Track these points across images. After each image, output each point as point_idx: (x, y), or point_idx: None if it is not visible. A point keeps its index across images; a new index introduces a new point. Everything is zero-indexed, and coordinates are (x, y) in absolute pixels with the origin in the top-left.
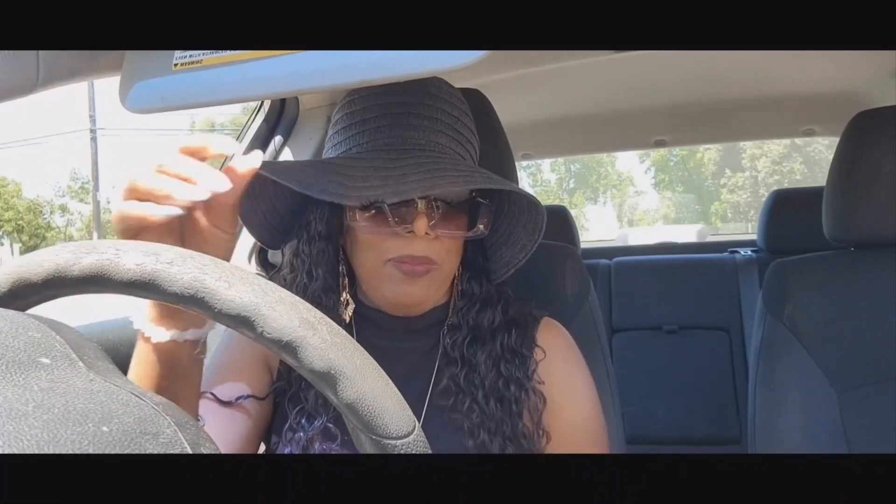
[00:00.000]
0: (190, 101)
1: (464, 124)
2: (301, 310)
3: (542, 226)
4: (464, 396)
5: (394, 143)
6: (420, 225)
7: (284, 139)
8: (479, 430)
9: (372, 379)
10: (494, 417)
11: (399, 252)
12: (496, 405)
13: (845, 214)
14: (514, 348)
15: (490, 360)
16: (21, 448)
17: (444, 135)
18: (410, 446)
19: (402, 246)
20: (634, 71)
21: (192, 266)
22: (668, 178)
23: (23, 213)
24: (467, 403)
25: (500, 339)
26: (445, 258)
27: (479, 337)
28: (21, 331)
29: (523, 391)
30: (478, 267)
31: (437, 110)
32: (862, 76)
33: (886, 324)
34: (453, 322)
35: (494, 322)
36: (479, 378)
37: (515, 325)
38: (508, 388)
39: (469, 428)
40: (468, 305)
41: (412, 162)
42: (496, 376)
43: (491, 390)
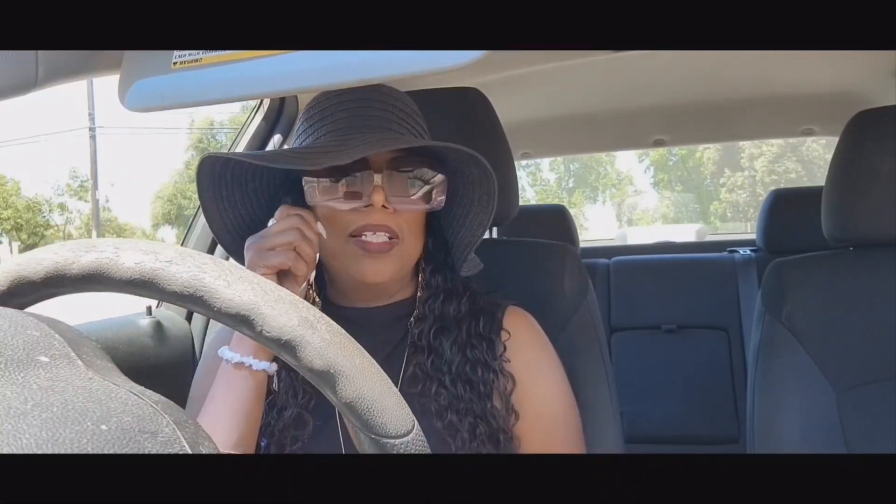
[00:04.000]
0: (189, 99)
1: (415, 119)
2: (300, 308)
3: (494, 194)
4: (431, 382)
5: (352, 129)
6: (377, 197)
7: (283, 138)
8: (447, 412)
9: (371, 378)
10: (463, 399)
11: (358, 223)
12: (464, 388)
13: (844, 214)
14: (481, 334)
15: (456, 347)
16: (20, 447)
17: (395, 122)
18: (409, 445)
19: (362, 218)
20: (634, 71)
21: (192, 265)
22: (668, 178)
23: (22, 211)
24: (434, 388)
25: (466, 327)
26: (407, 233)
27: (445, 326)
28: (20, 329)
29: (490, 372)
30: (440, 260)
31: (390, 105)
32: (862, 76)
33: (885, 323)
34: (420, 313)
35: (460, 312)
36: (445, 364)
37: (482, 312)
38: (476, 370)
39: (437, 410)
40: (433, 297)
41: (366, 136)
42: (463, 361)
43: (458, 374)
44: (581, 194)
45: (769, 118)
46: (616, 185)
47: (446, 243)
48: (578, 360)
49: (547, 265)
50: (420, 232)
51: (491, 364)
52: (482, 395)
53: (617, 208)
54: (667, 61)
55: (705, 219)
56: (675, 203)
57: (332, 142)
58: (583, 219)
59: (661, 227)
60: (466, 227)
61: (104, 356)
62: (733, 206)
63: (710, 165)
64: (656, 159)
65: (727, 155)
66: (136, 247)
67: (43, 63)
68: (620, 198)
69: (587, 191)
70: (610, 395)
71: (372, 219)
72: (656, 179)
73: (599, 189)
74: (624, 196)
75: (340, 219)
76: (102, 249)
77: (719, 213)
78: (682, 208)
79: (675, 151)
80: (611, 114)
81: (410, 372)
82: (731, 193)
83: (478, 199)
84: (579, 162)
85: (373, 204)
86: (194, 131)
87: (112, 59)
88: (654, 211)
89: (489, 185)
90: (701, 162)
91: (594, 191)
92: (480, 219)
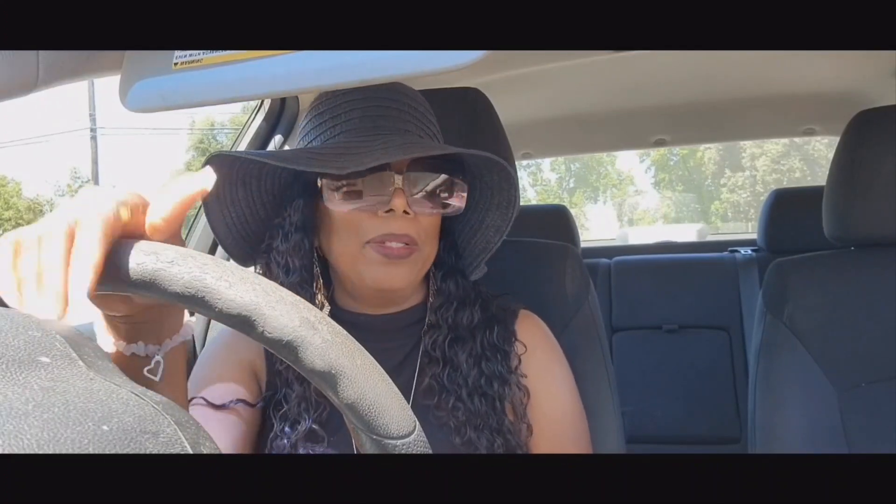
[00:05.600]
0: (190, 99)
1: (429, 119)
2: (302, 309)
3: (515, 200)
4: (448, 395)
5: (365, 129)
6: (398, 202)
7: (284, 138)
8: (465, 428)
9: (373, 378)
10: (479, 414)
11: (379, 231)
12: (480, 401)
13: (845, 214)
14: (496, 344)
15: (472, 359)
16: (21, 447)
17: (412, 123)
18: (411, 446)
19: (382, 225)
20: (635, 71)
21: (193, 265)
22: (668, 178)
23: (23, 212)
24: (452, 402)
25: (481, 338)
26: (425, 239)
27: (459, 336)
28: (21, 329)
29: (506, 386)
30: (450, 265)
31: (404, 104)
32: (862, 76)
33: (887, 323)
34: (432, 321)
35: (474, 321)
36: (461, 377)
37: (495, 321)
38: (491, 384)
39: (455, 426)
40: (446, 305)
41: (385, 139)
42: (478, 374)
43: (474, 388)
44: (582, 194)
45: (770, 118)
46: (617, 185)
47: (457, 247)
48: (580, 360)
49: (548, 265)
50: (436, 237)
51: (507, 378)
52: (497, 410)
53: (618, 208)
54: (667, 61)
55: (706, 219)
56: (676, 203)
57: (347, 142)
58: (584, 219)
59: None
60: (482, 232)
61: (105, 356)
62: (734, 206)
63: (710, 165)
64: (657, 159)
65: (728, 155)
66: (137, 247)
67: (44, 63)
68: (621, 198)
69: (588, 191)
70: (611, 394)
71: (393, 226)
72: (657, 179)
73: (600, 189)
74: (625, 196)
75: (359, 224)
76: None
77: (720, 212)
78: (683, 208)
79: (675, 151)
80: (611, 114)
81: (426, 384)
82: (732, 193)
83: (496, 205)
84: (580, 162)
85: (393, 209)
86: (195, 132)
87: (113, 59)
88: (654, 211)
89: (510, 191)
90: (702, 162)
91: (595, 191)
92: (498, 224)
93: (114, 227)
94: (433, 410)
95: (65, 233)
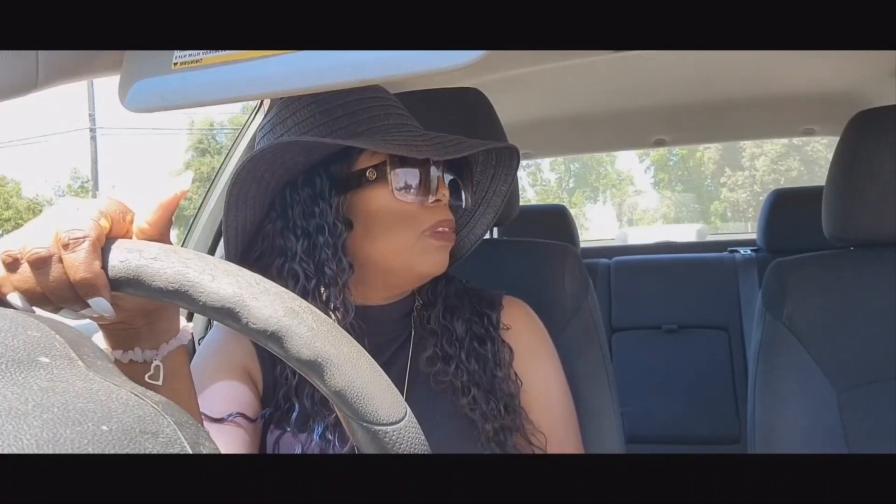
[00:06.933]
0: (190, 100)
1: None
2: (286, 299)
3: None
4: (451, 361)
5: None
6: (446, 192)
7: None
8: (469, 387)
9: (360, 366)
10: (476, 373)
11: (434, 219)
12: (476, 362)
13: (845, 214)
14: (482, 311)
15: (464, 325)
16: (20, 447)
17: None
18: (402, 432)
19: (435, 214)
20: (635, 71)
21: (176, 260)
22: (668, 178)
23: (22, 212)
24: (454, 366)
25: (469, 304)
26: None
27: (450, 307)
28: (20, 330)
29: (493, 343)
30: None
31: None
32: (862, 76)
33: (886, 323)
34: (427, 300)
35: (460, 292)
36: (457, 341)
37: (478, 294)
38: (484, 344)
39: (461, 387)
40: (436, 281)
41: (429, 137)
42: (471, 337)
43: (469, 351)
44: (581, 194)
45: (769, 118)
46: (616, 185)
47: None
48: (579, 360)
49: (547, 265)
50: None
51: (493, 335)
52: (489, 366)
53: (617, 208)
54: (667, 61)
55: (706, 219)
56: (676, 203)
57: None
58: (583, 219)
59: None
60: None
61: (105, 357)
62: (734, 206)
63: (710, 165)
64: (657, 159)
65: (728, 154)
66: (120, 245)
67: (43, 63)
68: (621, 198)
69: (588, 191)
70: (610, 395)
71: (446, 214)
72: (657, 179)
73: (600, 189)
74: (624, 196)
75: (415, 214)
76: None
77: (720, 212)
78: (682, 208)
79: (675, 151)
80: (611, 114)
81: (429, 353)
82: (731, 193)
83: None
84: (580, 162)
85: (441, 199)
86: (194, 132)
87: (112, 59)
88: (654, 211)
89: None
90: (701, 162)
91: (594, 191)
92: (486, 218)
93: (99, 238)
94: (437, 377)
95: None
